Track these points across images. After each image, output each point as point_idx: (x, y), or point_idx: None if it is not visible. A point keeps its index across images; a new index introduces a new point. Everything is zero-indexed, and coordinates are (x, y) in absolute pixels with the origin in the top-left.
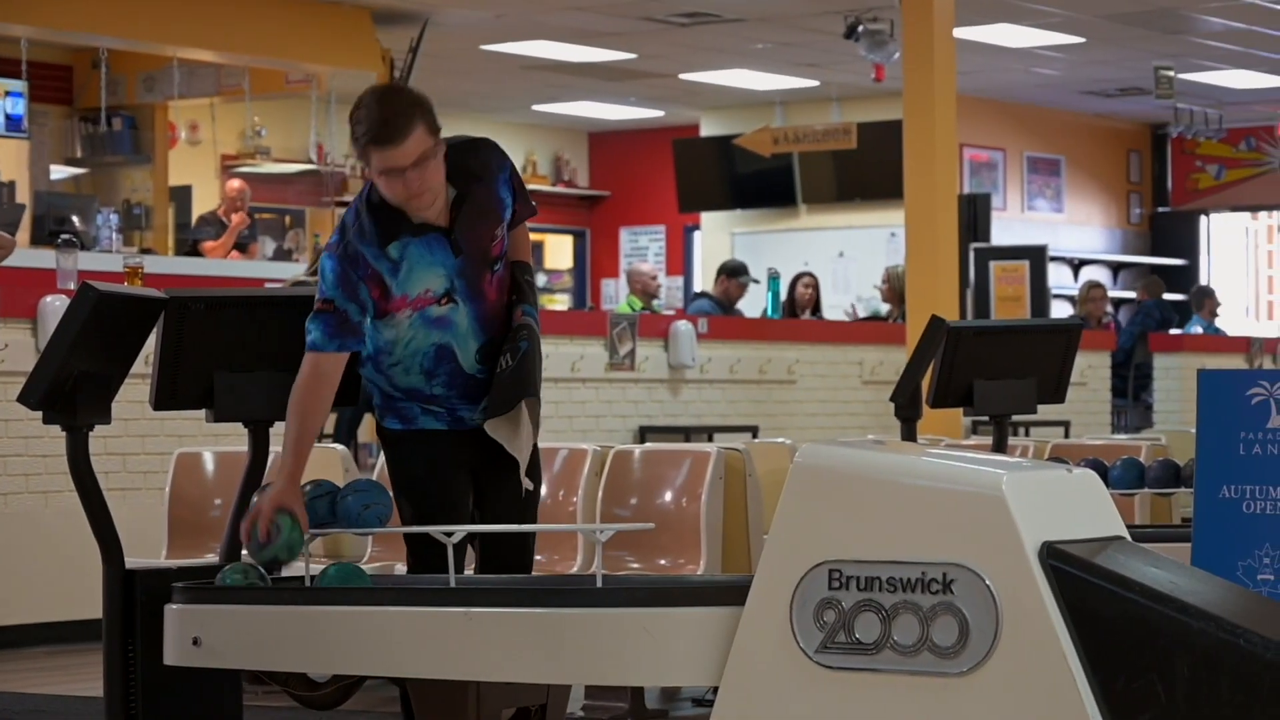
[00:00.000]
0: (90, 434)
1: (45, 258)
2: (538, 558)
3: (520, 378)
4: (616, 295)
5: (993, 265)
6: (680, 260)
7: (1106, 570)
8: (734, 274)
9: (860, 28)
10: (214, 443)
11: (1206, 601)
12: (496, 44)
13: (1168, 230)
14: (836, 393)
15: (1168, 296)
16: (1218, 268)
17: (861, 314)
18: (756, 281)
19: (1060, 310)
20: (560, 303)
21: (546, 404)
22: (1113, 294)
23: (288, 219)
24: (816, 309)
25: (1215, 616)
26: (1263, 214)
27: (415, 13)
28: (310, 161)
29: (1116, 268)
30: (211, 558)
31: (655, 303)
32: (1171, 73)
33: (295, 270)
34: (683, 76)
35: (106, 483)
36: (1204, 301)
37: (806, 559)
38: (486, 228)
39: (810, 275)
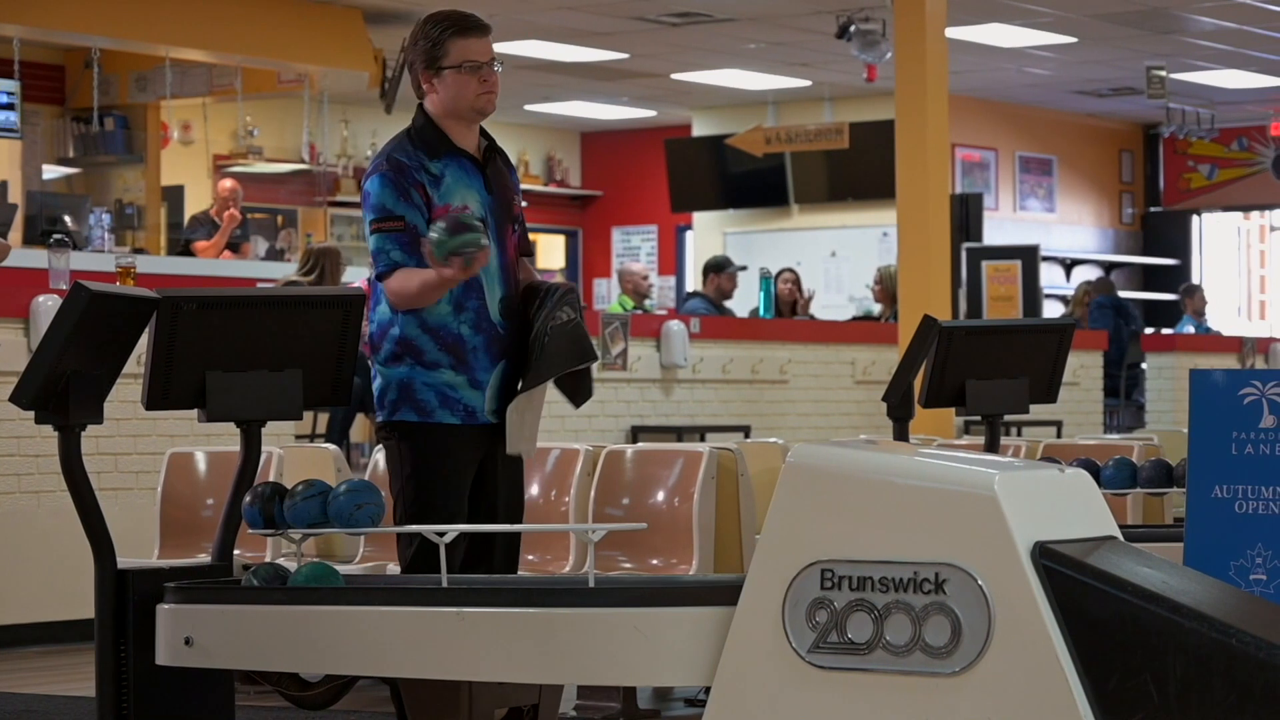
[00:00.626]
0: (82, 434)
1: (38, 257)
2: (530, 557)
3: (584, 338)
4: (609, 295)
5: (985, 265)
6: (672, 260)
7: (1099, 570)
8: (720, 269)
9: (852, 27)
10: (206, 443)
11: (1199, 601)
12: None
13: (1160, 230)
14: (829, 392)
15: (1160, 296)
16: (1210, 267)
17: (852, 313)
18: (744, 268)
19: (1052, 310)
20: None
21: None
22: None
23: (280, 219)
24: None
25: (1207, 616)
26: (1255, 214)
27: (407, 12)
28: (302, 161)
29: (1109, 267)
30: (204, 558)
31: (647, 302)
32: (1163, 72)
33: (287, 270)
34: (675, 76)
35: (99, 482)
36: (1188, 300)
37: (799, 559)
38: (510, 184)
39: (789, 271)
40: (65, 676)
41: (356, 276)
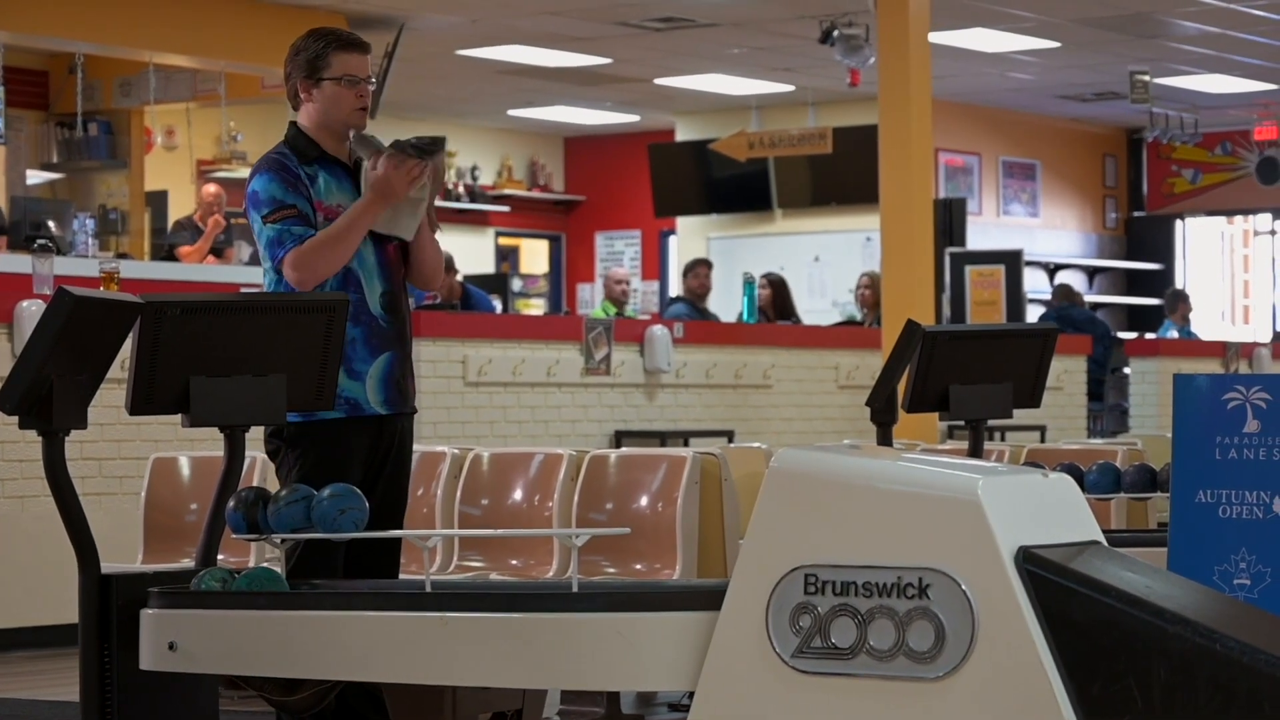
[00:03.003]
0: (66, 439)
1: (21, 263)
2: (513, 562)
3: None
4: (592, 300)
5: (968, 270)
6: (656, 265)
7: (1083, 575)
8: (686, 271)
9: (835, 32)
10: (190, 447)
11: (1182, 606)
12: (472, 49)
13: (1143, 234)
14: (812, 397)
15: (1143, 301)
16: (1194, 272)
17: (836, 318)
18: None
19: (1036, 315)
20: (536, 307)
21: (522, 408)
22: (1088, 298)
23: None
24: (785, 312)
25: (1191, 621)
26: (1238, 218)
27: (390, 18)
28: None
29: (1092, 272)
30: (188, 563)
31: (628, 308)
32: (1147, 77)
33: None
34: (658, 81)
35: (83, 487)
36: (1177, 305)
37: (782, 564)
38: None
39: (764, 277)
40: (49, 681)
41: None
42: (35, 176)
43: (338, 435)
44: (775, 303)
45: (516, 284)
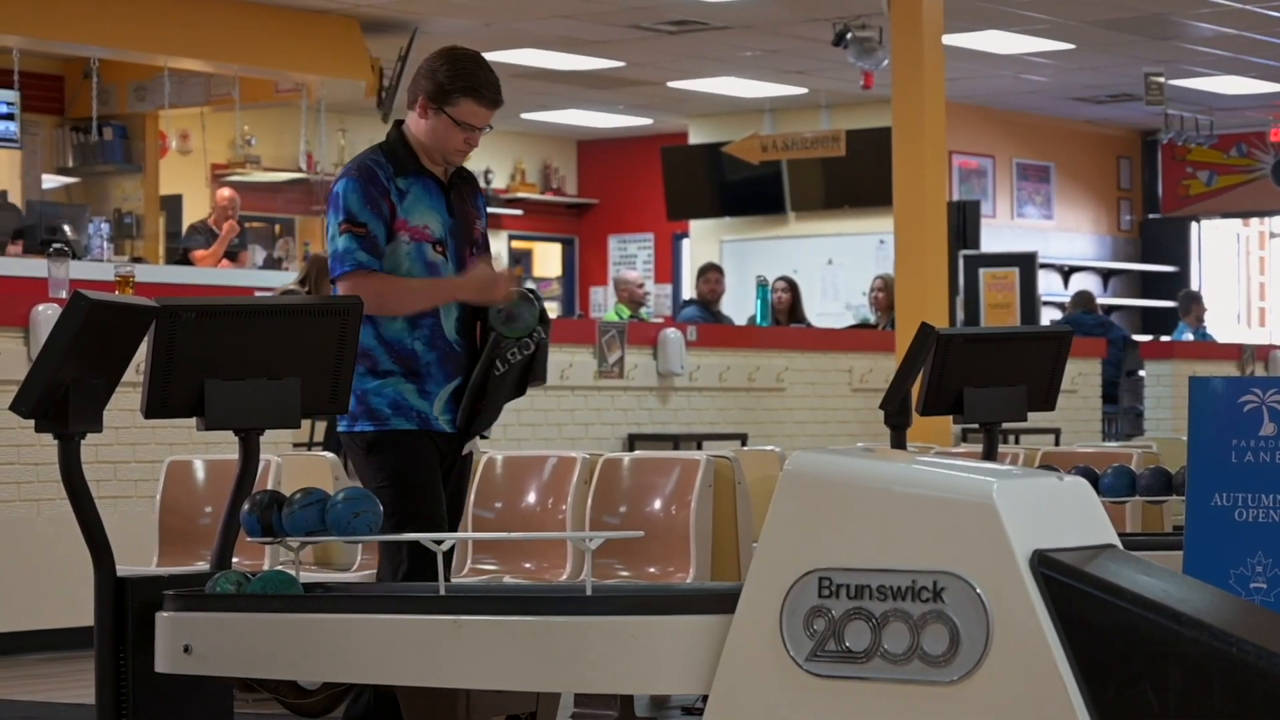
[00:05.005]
0: (82, 442)
1: (37, 266)
2: (527, 565)
3: (525, 376)
4: (605, 303)
5: (982, 272)
6: (669, 268)
7: (1098, 578)
8: (699, 275)
9: (849, 35)
10: (205, 451)
11: (1198, 610)
12: (485, 52)
13: (1158, 237)
14: (826, 400)
15: (1158, 303)
16: (1209, 274)
17: (849, 321)
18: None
19: (1050, 317)
20: (549, 311)
21: (535, 411)
22: (1102, 301)
23: (277, 227)
24: (797, 315)
25: (1207, 625)
26: (1254, 220)
27: (404, 22)
28: (300, 170)
29: (1107, 275)
30: (202, 565)
31: (643, 310)
32: (1161, 79)
33: (285, 279)
34: (671, 84)
35: (98, 491)
36: (1191, 307)
37: (796, 567)
38: (473, 209)
39: (783, 280)
40: (65, 684)
41: None
42: (50, 181)
43: (414, 444)
44: (790, 306)
45: (529, 286)
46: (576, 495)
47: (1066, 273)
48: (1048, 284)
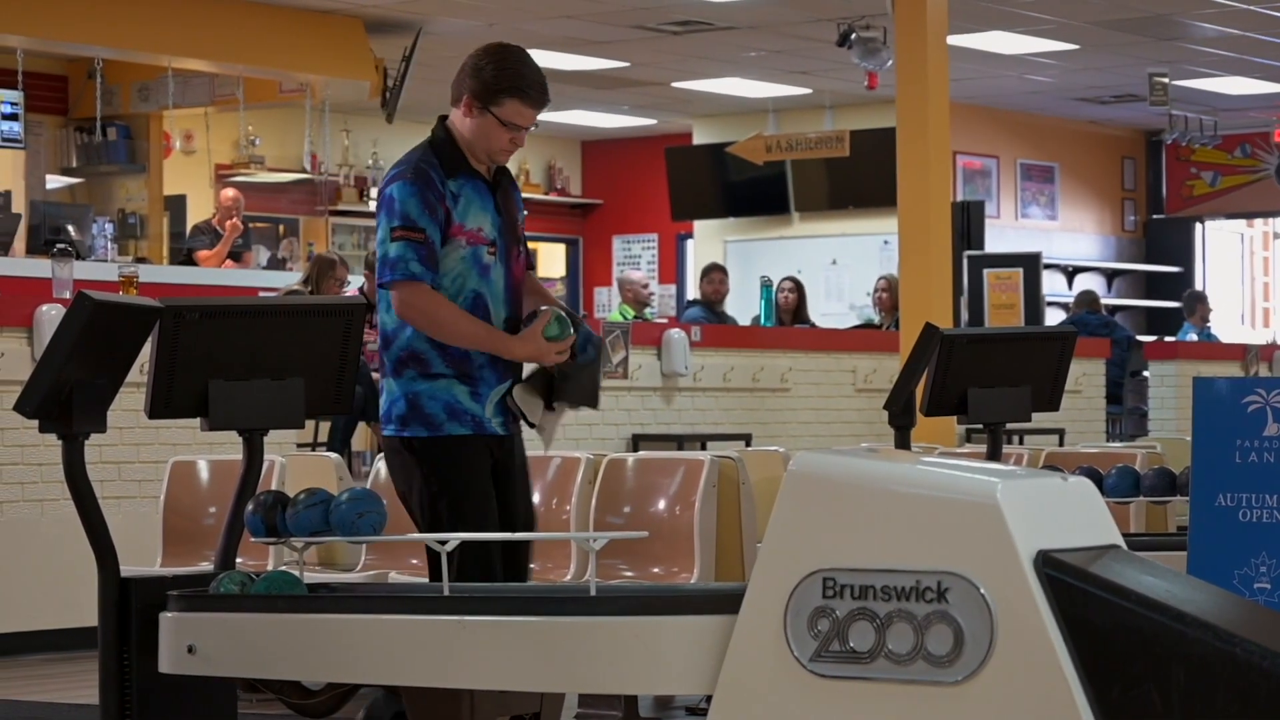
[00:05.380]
0: (86, 442)
1: (41, 267)
2: (531, 565)
3: (595, 379)
4: (609, 303)
5: (986, 273)
6: (673, 268)
7: (1102, 579)
8: (702, 275)
9: (853, 35)
10: (208, 451)
11: (1203, 610)
12: None
13: (1162, 237)
14: (830, 400)
15: (1162, 304)
16: (1213, 275)
17: (853, 321)
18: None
19: (1054, 318)
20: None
21: None
22: (1106, 301)
23: (281, 228)
24: (802, 316)
25: (1211, 625)
26: (1258, 221)
27: (408, 22)
28: (304, 171)
29: (1111, 275)
30: (206, 566)
31: (647, 311)
32: (1166, 79)
33: (289, 279)
34: (675, 84)
35: (102, 491)
36: (1196, 307)
37: (800, 567)
38: (516, 208)
39: (788, 280)
40: (68, 684)
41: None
42: (54, 181)
43: (465, 448)
44: (795, 306)
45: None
46: (581, 495)
47: (1071, 273)
48: (1052, 284)
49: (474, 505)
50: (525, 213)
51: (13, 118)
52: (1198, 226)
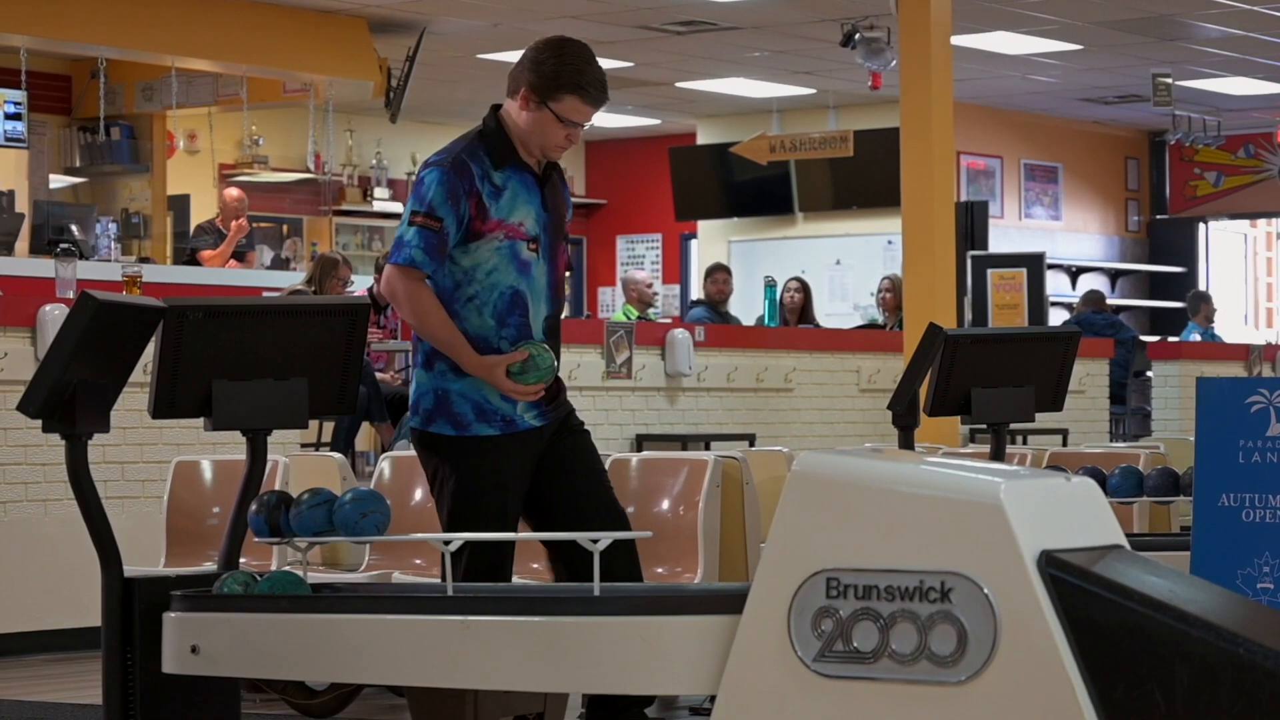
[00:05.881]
0: (89, 442)
1: (44, 267)
2: (534, 565)
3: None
4: (613, 303)
5: (990, 273)
6: (677, 268)
7: (1105, 579)
8: (706, 275)
9: (857, 36)
10: (212, 451)
11: (1206, 610)
12: (493, 53)
13: (1166, 237)
14: (834, 401)
15: (1166, 304)
16: (1216, 275)
17: (857, 321)
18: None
19: (1058, 318)
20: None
21: None
22: (1110, 302)
23: (285, 228)
24: (807, 316)
25: (1215, 625)
26: (1261, 221)
27: (412, 22)
28: (308, 170)
29: (1115, 275)
30: (210, 566)
31: (651, 311)
32: (1169, 79)
33: (293, 279)
34: (679, 85)
35: (105, 491)
36: (1200, 307)
37: (804, 567)
38: (564, 204)
39: (794, 280)
40: (72, 684)
41: (364, 285)
42: (58, 181)
43: (495, 451)
44: (800, 306)
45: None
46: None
47: (1074, 273)
48: (1055, 285)
49: (492, 509)
50: (571, 211)
51: (16, 117)
52: (1201, 227)
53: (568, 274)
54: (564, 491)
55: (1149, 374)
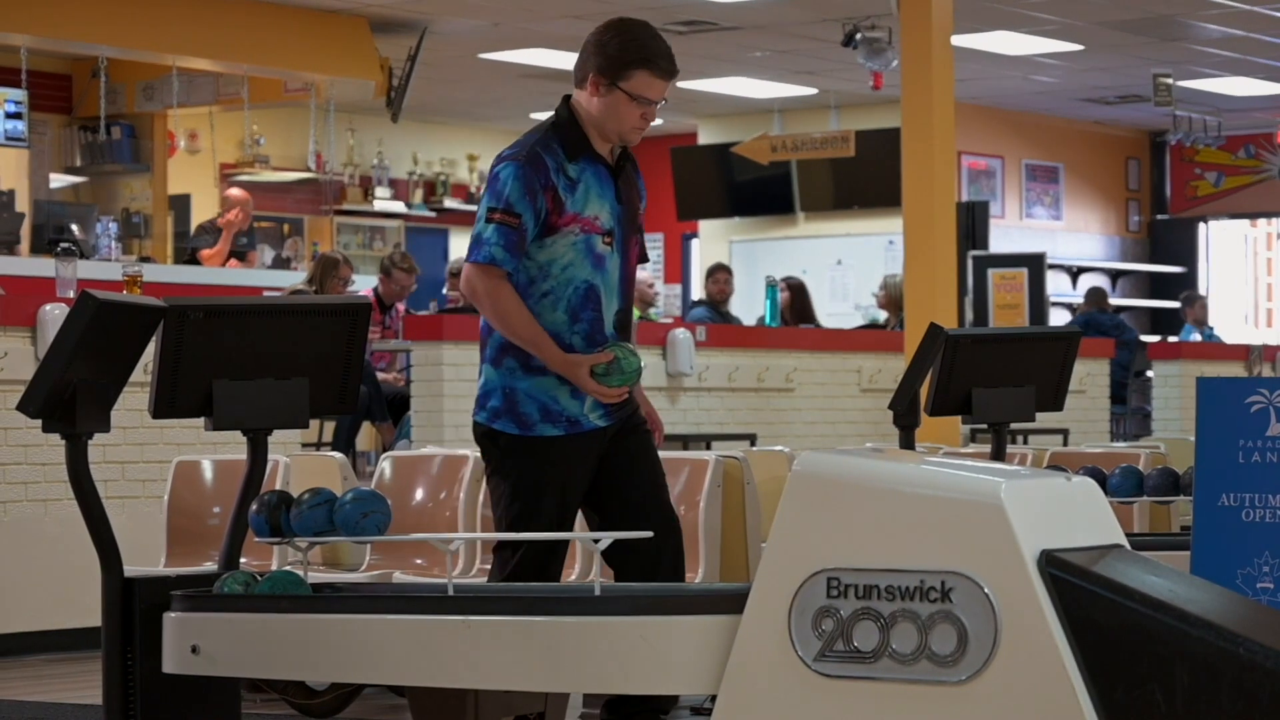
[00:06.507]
0: (89, 442)
1: (44, 266)
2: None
3: None
4: None
5: (991, 273)
6: (678, 268)
7: (1105, 579)
8: (708, 275)
9: (858, 36)
10: (213, 451)
11: (1206, 610)
12: (494, 52)
13: (1167, 237)
14: (835, 400)
15: (1166, 304)
16: (1217, 275)
17: (858, 321)
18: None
19: (1059, 318)
20: None
21: None
22: (1111, 301)
23: (286, 227)
24: (806, 315)
25: (1215, 625)
26: (1262, 221)
27: (413, 21)
28: (309, 170)
29: (1115, 275)
30: (210, 566)
31: (652, 311)
32: (1170, 80)
33: (294, 279)
34: (680, 84)
35: (105, 491)
36: (1192, 305)
37: (805, 567)
38: (637, 195)
39: (784, 279)
40: (72, 684)
41: (365, 284)
42: (58, 180)
43: (558, 452)
44: (794, 306)
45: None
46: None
47: (1075, 273)
48: (1056, 285)
49: (551, 510)
50: (645, 202)
51: (17, 116)
52: (1201, 227)
53: (643, 266)
54: (620, 493)
55: (1149, 374)
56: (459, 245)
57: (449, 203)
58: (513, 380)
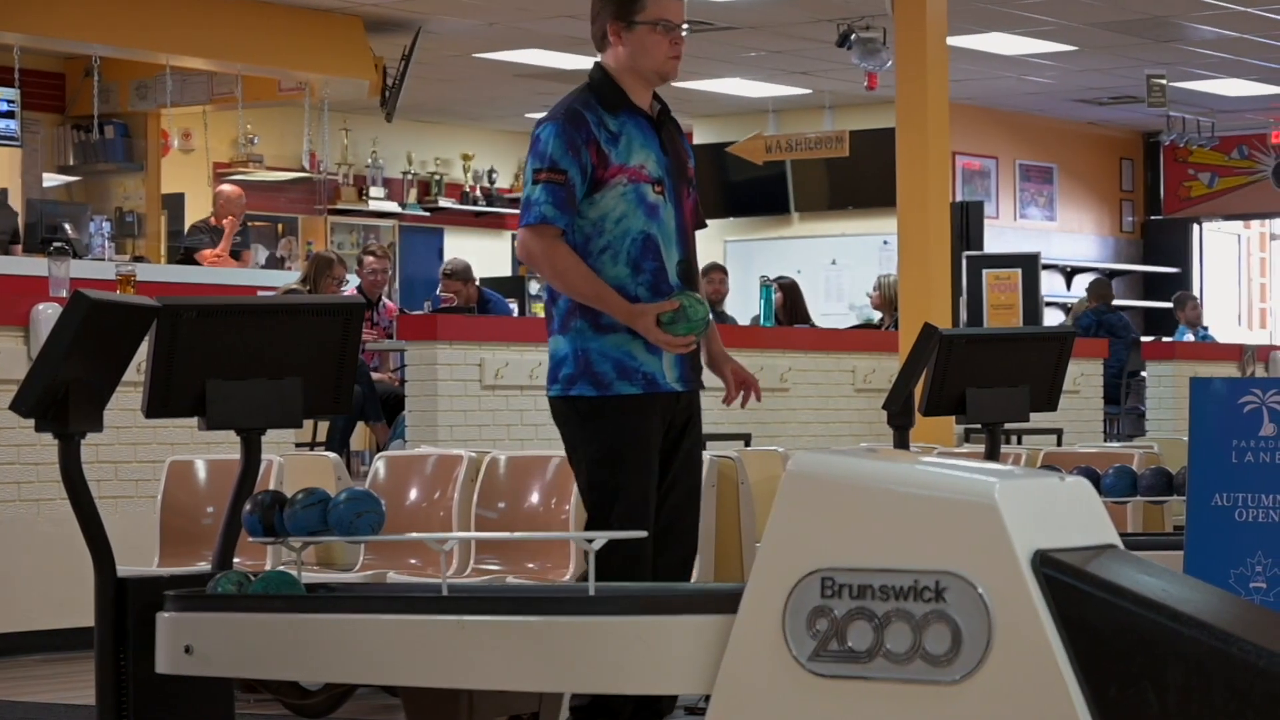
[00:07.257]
0: (82, 442)
1: (37, 265)
2: (529, 565)
3: None
4: None
5: (985, 273)
6: None
7: (1099, 578)
8: (705, 274)
9: (853, 36)
10: (206, 450)
11: (1199, 609)
12: (489, 52)
13: (1160, 238)
14: (829, 400)
15: (1160, 305)
16: (1210, 276)
17: (853, 321)
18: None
19: (1053, 318)
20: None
21: (540, 412)
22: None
23: (280, 227)
24: (800, 315)
25: (1207, 624)
26: (1255, 222)
27: (408, 21)
28: (303, 169)
29: (1109, 275)
30: (204, 565)
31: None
32: (1164, 81)
33: (288, 278)
34: (675, 84)
35: (98, 490)
36: (1182, 307)
37: (799, 567)
38: (684, 148)
39: (775, 279)
40: (65, 685)
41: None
42: (51, 179)
43: (635, 410)
44: (787, 306)
45: (534, 287)
46: (580, 495)
47: (1069, 274)
48: (1050, 285)
49: (636, 467)
50: (694, 160)
51: (9, 115)
52: (1195, 228)
53: (702, 228)
54: (659, 498)
55: (1143, 374)
56: (453, 245)
57: (443, 202)
58: (584, 342)
